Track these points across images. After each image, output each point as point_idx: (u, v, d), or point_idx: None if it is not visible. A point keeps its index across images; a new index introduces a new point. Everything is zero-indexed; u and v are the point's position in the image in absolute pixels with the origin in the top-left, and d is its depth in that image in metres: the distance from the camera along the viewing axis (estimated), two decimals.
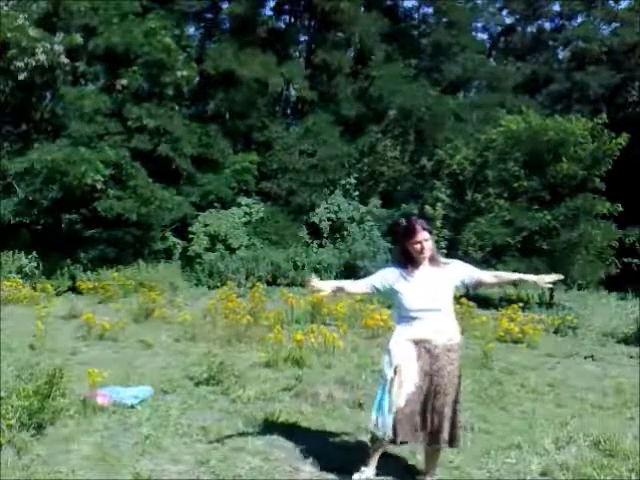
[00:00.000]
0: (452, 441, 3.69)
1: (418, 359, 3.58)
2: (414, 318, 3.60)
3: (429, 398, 3.60)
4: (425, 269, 3.65)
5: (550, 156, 14.06)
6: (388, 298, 3.77)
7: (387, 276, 3.73)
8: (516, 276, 4.02)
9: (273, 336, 7.02)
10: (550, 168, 14.04)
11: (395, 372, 3.57)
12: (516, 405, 5.51)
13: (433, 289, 3.61)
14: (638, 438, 4.56)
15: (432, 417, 3.61)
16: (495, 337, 8.58)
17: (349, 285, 3.87)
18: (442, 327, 3.64)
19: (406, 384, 3.55)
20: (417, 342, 3.60)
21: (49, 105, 16.93)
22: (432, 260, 3.67)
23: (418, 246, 3.60)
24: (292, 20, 25.35)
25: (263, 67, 20.93)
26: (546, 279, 3.84)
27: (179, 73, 17.02)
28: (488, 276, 3.95)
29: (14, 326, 8.67)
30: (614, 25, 27.91)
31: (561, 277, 3.90)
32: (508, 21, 32.35)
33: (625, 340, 9.27)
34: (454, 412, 3.67)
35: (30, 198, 15.58)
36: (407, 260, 3.66)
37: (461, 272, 3.76)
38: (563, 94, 26.77)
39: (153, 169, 16.68)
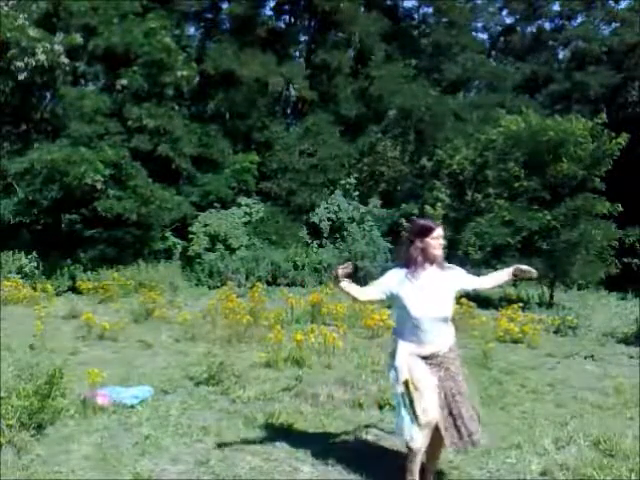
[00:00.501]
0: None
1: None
2: (418, 330, 3.52)
3: (450, 406, 3.57)
4: (431, 271, 3.57)
5: (550, 156, 14.04)
6: (392, 301, 3.64)
7: (394, 278, 3.58)
8: (509, 271, 3.97)
9: (273, 336, 7.01)
10: (550, 168, 14.02)
11: (407, 387, 3.49)
12: (516, 405, 5.51)
13: (439, 294, 3.54)
14: (638, 438, 4.55)
15: (462, 422, 3.58)
16: (495, 337, 8.58)
17: (359, 293, 3.60)
18: (444, 337, 3.62)
19: (426, 394, 3.48)
20: (422, 357, 3.56)
21: (49, 105, 16.93)
22: (438, 262, 3.60)
23: (436, 242, 3.52)
24: (292, 20, 25.37)
25: (263, 67, 20.95)
26: (531, 271, 3.80)
27: (179, 73, 17.02)
28: (486, 283, 3.92)
29: (14, 326, 8.67)
30: (614, 25, 27.95)
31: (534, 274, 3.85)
32: (508, 21, 32.42)
33: (625, 340, 9.26)
34: (473, 407, 3.67)
35: (30, 198, 15.60)
36: (418, 259, 3.53)
37: (462, 280, 3.72)
38: (563, 94, 26.76)
39: (153, 169, 16.69)
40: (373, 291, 3.62)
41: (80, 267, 15.08)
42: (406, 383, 3.49)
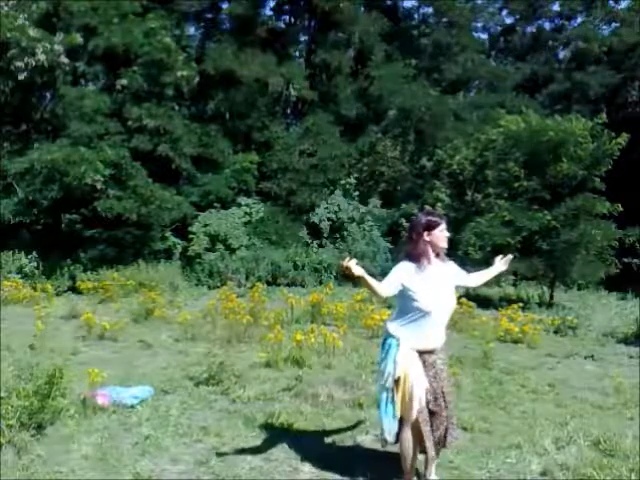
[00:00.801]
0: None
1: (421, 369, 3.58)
2: (424, 323, 3.52)
3: (433, 405, 3.58)
4: (436, 264, 3.59)
5: (550, 156, 14.04)
6: (400, 294, 3.57)
7: (403, 271, 3.54)
8: (494, 269, 4.06)
9: (273, 336, 7.01)
10: (550, 168, 14.02)
11: (397, 383, 3.50)
12: (516, 405, 5.51)
13: (445, 287, 3.58)
14: (638, 438, 4.56)
15: (438, 422, 3.60)
16: (495, 337, 8.57)
17: (379, 288, 3.48)
18: (443, 332, 3.64)
19: (415, 395, 3.48)
20: (421, 352, 3.57)
21: (49, 105, 16.93)
22: (441, 255, 3.64)
23: (443, 234, 3.57)
24: (292, 20, 25.36)
25: (263, 67, 20.95)
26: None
27: (179, 73, 17.02)
28: (479, 279, 4.03)
29: (14, 326, 8.67)
30: (614, 25, 27.96)
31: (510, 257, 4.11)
32: (508, 21, 32.39)
33: (625, 340, 9.27)
34: (452, 409, 3.70)
35: (30, 198, 15.59)
36: (427, 252, 3.54)
37: (459, 274, 3.77)
38: (563, 94, 26.75)
39: (153, 169, 16.68)
40: (389, 287, 3.53)
41: (80, 267, 15.07)
42: (398, 379, 3.50)
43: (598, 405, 5.61)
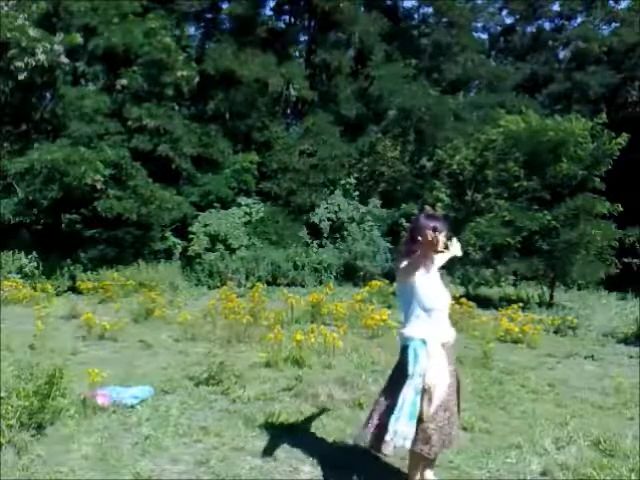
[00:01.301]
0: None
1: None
2: (437, 319, 3.56)
3: (450, 405, 3.57)
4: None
5: (550, 156, 14.05)
6: (405, 293, 3.60)
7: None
8: (455, 250, 4.14)
9: (273, 336, 7.00)
10: (550, 168, 14.03)
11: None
12: (516, 405, 5.51)
13: (441, 282, 3.69)
14: (638, 438, 4.56)
15: (450, 419, 3.58)
16: (495, 337, 8.57)
17: None
18: (449, 324, 3.68)
19: (436, 398, 3.46)
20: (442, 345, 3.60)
21: (49, 105, 16.92)
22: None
23: (443, 237, 3.61)
24: (292, 20, 25.40)
25: (263, 67, 20.98)
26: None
27: (179, 73, 17.03)
28: (441, 260, 4.07)
29: (14, 326, 8.66)
30: (614, 25, 28.00)
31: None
32: (508, 21, 32.44)
33: (625, 340, 9.28)
34: (458, 407, 3.70)
35: (30, 198, 15.59)
36: (431, 253, 3.56)
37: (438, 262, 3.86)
38: (563, 94, 26.78)
39: (153, 169, 16.70)
40: None
41: (80, 267, 15.07)
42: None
43: (598, 405, 5.60)
